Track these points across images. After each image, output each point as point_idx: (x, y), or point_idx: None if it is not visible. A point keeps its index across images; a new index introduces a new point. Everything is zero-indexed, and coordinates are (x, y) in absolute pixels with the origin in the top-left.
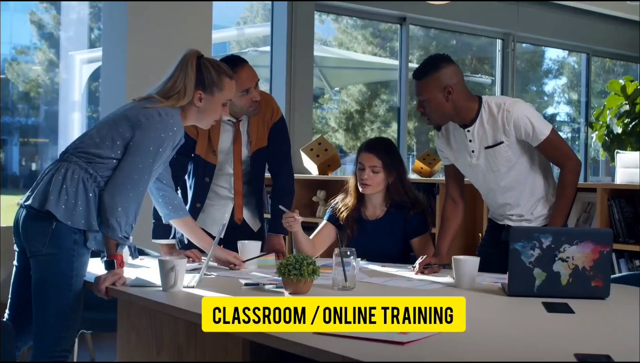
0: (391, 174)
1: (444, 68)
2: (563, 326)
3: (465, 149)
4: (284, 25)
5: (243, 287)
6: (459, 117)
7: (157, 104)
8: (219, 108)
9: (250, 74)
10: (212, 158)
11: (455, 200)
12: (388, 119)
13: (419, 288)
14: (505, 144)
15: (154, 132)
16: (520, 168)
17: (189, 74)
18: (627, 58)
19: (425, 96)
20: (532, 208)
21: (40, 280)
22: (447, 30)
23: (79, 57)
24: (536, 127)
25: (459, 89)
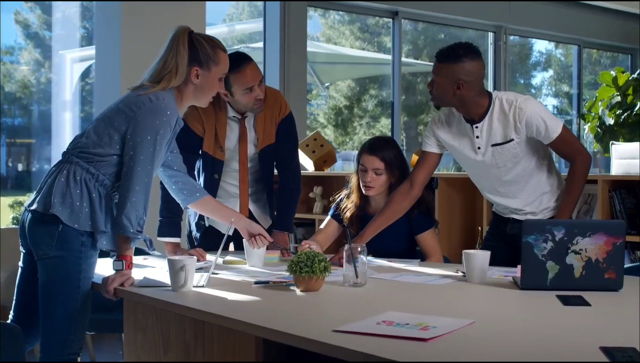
0: (394, 174)
1: (463, 62)
2: (582, 319)
3: (470, 145)
4: (277, 22)
5: (253, 286)
6: (464, 110)
7: (148, 90)
8: (216, 83)
9: (255, 72)
10: (220, 155)
11: (414, 186)
12: (377, 114)
13: (429, 283)
14: (515, 141)
15: (149, 120)
16: (525, 164)
17: (180, 51)
18: (618, 49)
19: (437, 77)
20: (537, 201)
21: (48, 283)
22: (439, 24)
23: (69, 55)
24: (549, 126)
25: (471, 87)
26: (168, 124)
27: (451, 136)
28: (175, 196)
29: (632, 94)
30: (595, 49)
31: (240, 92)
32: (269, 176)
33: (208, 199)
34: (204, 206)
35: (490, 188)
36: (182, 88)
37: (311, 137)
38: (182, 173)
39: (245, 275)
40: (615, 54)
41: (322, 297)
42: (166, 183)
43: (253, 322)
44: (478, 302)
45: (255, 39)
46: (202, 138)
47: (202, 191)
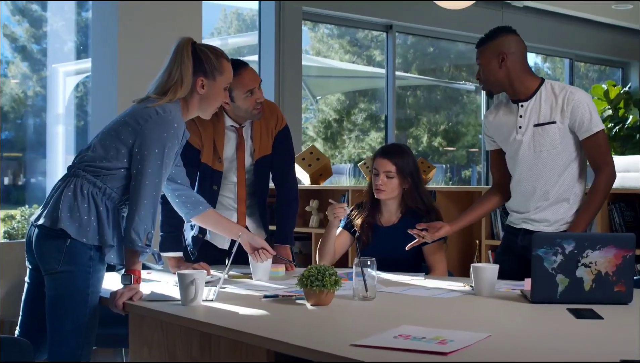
0: (406, 180)
1: (501, 36)
2: (596, 332)
3: (513, 125)
4: (272, 35)
5: (262, 300)
6: (512, 89)
7: (155, 103)
8: (221, 93)
9: (254, 76)
10: (219, 166)
11: (500, 185)
12: (366, 128)
13: (438, 297)
14: (557, 125)
15: (156, 133)
16: (560, 159)
17: (185, 62)
18: (609, 63)
19: (480, 60)
20: (557, 206)
21: (55, 298)
22: (433, 38)
23: (62, 69)
24: (593, 118)
25: (516, 59)
26: (175, 136)
27: (497, 118)
28: (179, 209)
29: (623, 107)
30: (586, 63)
31: (241, 96)
32: (264, 190)
33: (211, 212)
34: (207, 219)
35: (520, 177)
36: (188, 99)
37: (307, 150)
38: (186, 187)
39: (253, 289)
40: (602, 67)
41: (334, 311)
42: (169, 196)
43: (269, 336)
44: (490, 316)
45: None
46: (199, 150)
47: (205, 204)
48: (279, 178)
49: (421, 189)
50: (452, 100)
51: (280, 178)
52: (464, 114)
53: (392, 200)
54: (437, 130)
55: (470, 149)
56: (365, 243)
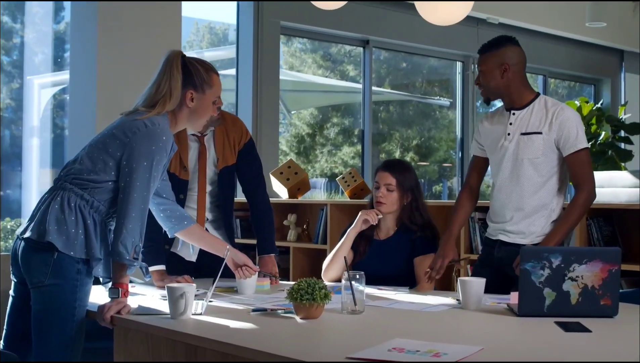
0: (406, 195)
1: (506, 46)
2: (585, 345)
3: (503, 132)
4: (250, 49)
5: (251, 313)
6: (509, 98)
7: (143, 116)
8: (210, 106)
9: (220, 83)
10: (184, 174)
11: (472, 188)
12: (339, 142)
13: (426, 311)
14: (543, 136)
15: (144, 146)
16: (541, 169)
17: (174, 75)
18: (582, 80)
19: (482, 68)
20: (531, 220)
21: (42, 312)
22: (409, 53)
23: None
24: (579, 136)
25: (517, 70)
26: (164, 149)
27: (489, 125)
28: (163, 224)
29: (595, 123)
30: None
31: None
32: (229, 203)
33: (195, 227)
34: (191, 234)
35: (501, 184)
36: (177, 112)
37: (285, 164)
38: (171, 201)
39: (240, 303)
40: (572, 83)
41: (324, 325)
42: (153, 210)
43: (263, 349)
44: (479, 329)
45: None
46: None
47: (189, 219)
48: (250, 191)
49: (420, 205)
50: (424, 115)
51: (251, 191)
52: (436, 130)
53: (390, 215)
54: (409, 145)
55: (443, 164)
56: (361, 255)
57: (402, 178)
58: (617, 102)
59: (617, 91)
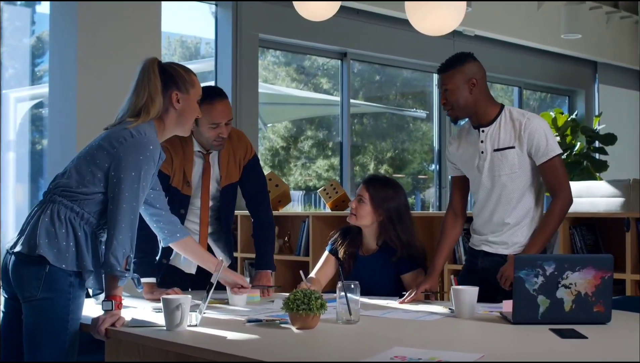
0: (379, 212)
1: (470, 62)
2: (583, 351)
3: (476, 150)
4: (229, 62)
5: (247, 324)
6: (476, 116)
7: (129, 125)
8: (196, 106)
9: (225, 111)
10: (187, 190)
11: (457, 212)
12: (314, 155)
13: (420, 320)
14: (516, 151)
15: (132, 156)
16: (518, 182)
17: (152, 80)
18: (557, 91)
19: (449, 85)
20: (513, 231)
21: (34, 325)
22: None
23: (13, 95)
24: (549, 144)
25: (482, 85)
26: (152, 158)
27: (459, 146)
28: (158, 234)
29: (570, 134)
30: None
31: (206, 125)
32: (229, 217)
33: (188, 240)
34: (184, 247)
35: (482, 201)
36: (164, 116)
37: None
38: (165, 212)
39: (234, 314)
40: (544, 95)
41: (321, 334)
42: (148, 221)
43: (265, 360)
44: (476, 337)
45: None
46: (169, 176)
47: (182, 231)
48: (253, 206)
49: (398, 226)
50: (398, 127)
51: (255, 206)
52: (410, 142)
53: (368, 229)
54: (383, 157)
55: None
56: (347, 271)
57: (377, 193)
58: (592, 113)
59: (591, 102)
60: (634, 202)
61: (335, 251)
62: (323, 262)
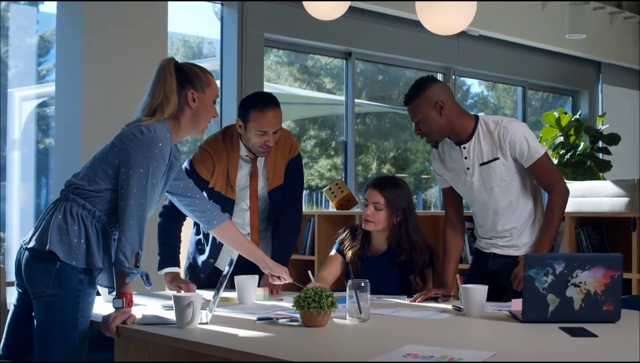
0: (396, 214)
1: (430, 87)
2: (594, 349)
3: (461, 167)
4: (234, 62)
5: (257, 322)
6: (454, 134)
7: (143, 123)
8: (212, 106)
9: (274, 120)
10: (231, 194)
11: (454, 223)
12: (316, 155)
13: (429, 318)
14: (501, 161)
15: (140, 153)
16: (513, 189)
17: (167, 80)
18: (561, 91)
19: (419, 116)
20: (520, 234)
21: (44, 322)
22: (391, 65)
23: (18, 94)
24: (531, 147)
25: (450, 104)
26: (160, 156)
27: (445, 165)
28: (197, 221)
29: (574, 134)
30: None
31: (253, 131)
32: (276, 215)
33: (227, 226)
34: (223, 233)
35: (480, 213)
36: (179, 115)
37: None
38: (198, 199)
39: (244, 312)
40: (545, 95)
41: (331, 332)
42: (185, 212)
43: (279, 357)
44: (486, 335)
45: None
46: (208, 181)
47: (220, 217)
48: (286, 206)
49: (410, 226)
50: (401, 127)
51: (287, 206)
52: (412, 141)
53: (380, 233)
54: (386, 157)
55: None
56: (355, 272)
57: (392, 196)
58: (595, 113)
59: (595, 102)
60: (638, 202)
61: (342, 251)
62: (330, 261)
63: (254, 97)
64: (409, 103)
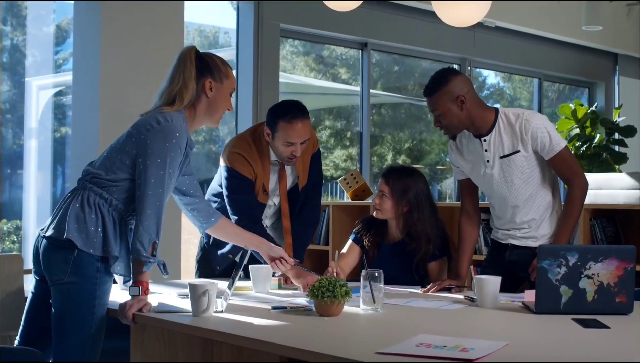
0: (402, 204)
1: (452, 80)
2: (606, 341)
3: (481, 159)
4: (250, 52)
5: (272, 311)
6: (474, 127)
7: (160, 112)
8: (228, 98)
9: (302, 131)
10: (264, 198)
11: (470, 214)
12: (331, 145)
13: (442, 308)
14: (522, 154)
15: (157, 143)
16: (532, 182)
17: (187, 67)
18: (577, 83)
19: (439, 110)
20: (538, 225)
21: (61, 309)
22: (407, 56)
23: (35, 83)
24: (553, 139)
25: (471, 97)
26: (178, 146)
27: (463, 157)
28: (193, 222)
29: (590, 126)
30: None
31: (281, 141)
32: None
33: (224, 223)
34: (221, 230)
35: (499, 206)
36: (196, 104)
37: None
38: (199, 199)
39: (258, 301)
40: (562, 86)
41: (345, 322)
42: (184, 211)
43: (292, 345)
44: (499, 326)
45: None
46: (252, 180)
47: (216, 214)
48: (308, 198)
49: (417, 215)
50: (416, 118)
51: (309, 198)
52: (428, 132)
53: (392, 220)
54: (401, 148)
55: (437, 167)
56: (371, 259)
57: (396, 185)
58: (611, 105)
59: (611, 94)
60: None
61: (359, 239)
62: (347, 251)
63: (283, 108)
64: (429, 95)
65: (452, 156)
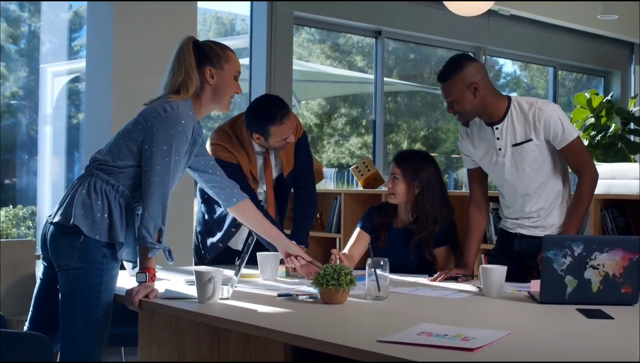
0: (414, 186)
1: (466, 67)
2: (609, 331)
3: (493, 147)
4: (264, 39)
5: (277, 298)
6: (487, 114)
7: (167, 100)
8: (232, 81)
9: (291, 124)
10: (254, 186)
11: (479, 203)
12: (347, 133)
13: (448, 297)
14: (534, 142)
15: (163, 130)
16: (544, 171)
17: (186, 58)
18: (592, 72)
19: (453, 96)
20: (547, 214)
21: (68, 295)
22: (421, 44)
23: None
24: (566, 129)
25: (485, 85)
26: (183, 133)
27: (474, 145)
28: (217, 200)
29: (605, 115)
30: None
31: (276, 140)
32: (285, 201)
33: (246, 205)
34: (242, 213)
35: (509, 194)
36: (200, 93)
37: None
38: (219, 176)
39: (264, 289)
40: (579, 75)
41: (349, 310)
42: (204, 188)
43: (294, 332)
44: (503, 315)
45: None
46: (237, 165)
47: (238, 195)
48: (300, 183)
49: (426, 197)
50: (432, 106)
51: (301, 183)
52: (443, 121)
53: (403, 204)
54: (417, 136)
55: (452, 155)
56: (382, 243)
57: (408, 168)
58: (627, 94)
59: (627, 84)
60: None
61: (367, 227)
62: (355, 239)
63: (267, 112)
64: (443, 81)
65: (462, 145)
